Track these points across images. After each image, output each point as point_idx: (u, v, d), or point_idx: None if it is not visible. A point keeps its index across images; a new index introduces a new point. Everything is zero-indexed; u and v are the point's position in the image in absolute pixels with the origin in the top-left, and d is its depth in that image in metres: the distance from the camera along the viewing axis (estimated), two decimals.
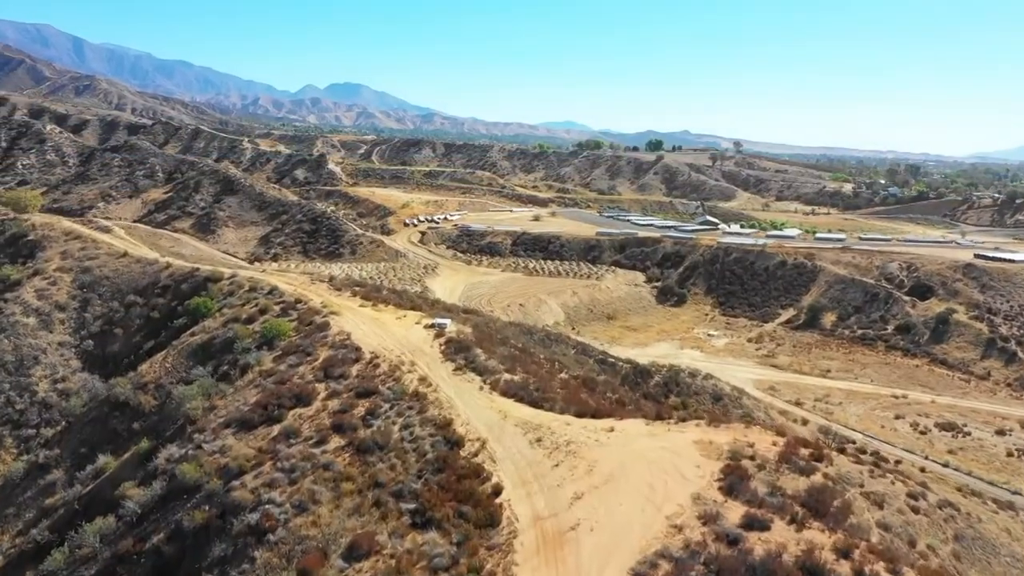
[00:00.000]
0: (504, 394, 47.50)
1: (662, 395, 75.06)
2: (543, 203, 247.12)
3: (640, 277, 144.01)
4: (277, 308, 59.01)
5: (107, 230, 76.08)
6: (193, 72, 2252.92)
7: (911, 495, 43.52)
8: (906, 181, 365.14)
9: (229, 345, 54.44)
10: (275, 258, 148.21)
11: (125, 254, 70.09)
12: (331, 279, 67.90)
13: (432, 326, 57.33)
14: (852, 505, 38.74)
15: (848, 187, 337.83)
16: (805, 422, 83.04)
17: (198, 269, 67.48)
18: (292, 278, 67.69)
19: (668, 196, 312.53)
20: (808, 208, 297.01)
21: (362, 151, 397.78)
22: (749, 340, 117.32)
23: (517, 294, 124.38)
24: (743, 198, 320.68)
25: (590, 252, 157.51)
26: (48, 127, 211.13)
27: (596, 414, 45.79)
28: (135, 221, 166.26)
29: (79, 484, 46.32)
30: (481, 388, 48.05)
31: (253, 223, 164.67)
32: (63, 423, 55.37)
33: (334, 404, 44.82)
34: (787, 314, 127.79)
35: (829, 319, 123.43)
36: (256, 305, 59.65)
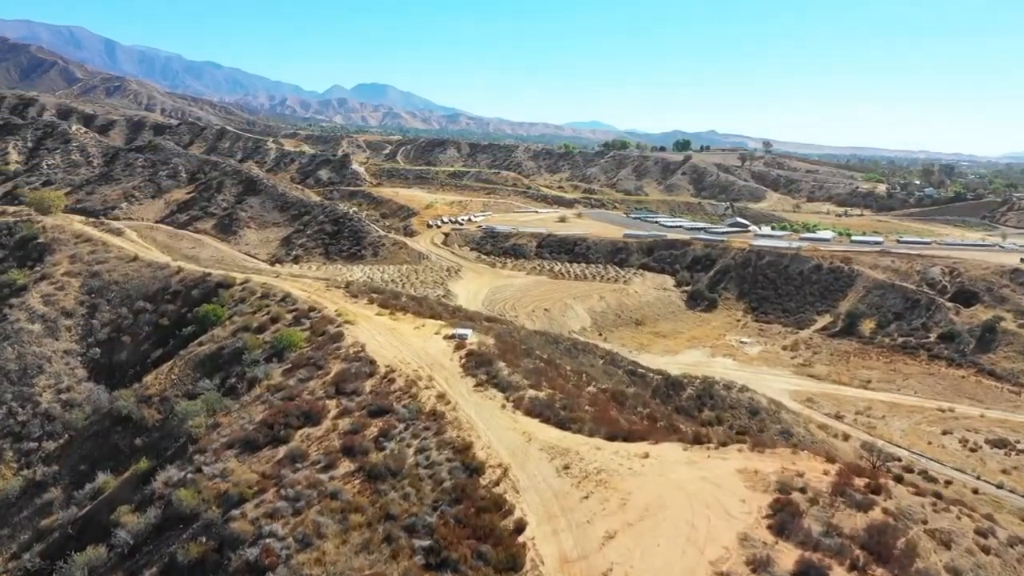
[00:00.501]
0: (528, 413, 43.94)
1: (695, 409, 71.06)
2: (569, 204, 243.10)
3: (669, 281, 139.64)
4: (289, 316, 56.00)
5: (119, 232, 73.72)
6: (222, 73, 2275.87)
7: (979, 532, 39.20)
8: (941, 182, 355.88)
9: (238, 356, 51.48)
10: (296, 260, 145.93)
11: (135, 258, 67.54)
12: (347, 285, 64.74)
13: (452, 337, 53.92)
14: (917, 546, 34.65)
15: (881, 188, 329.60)
16: (847, 437, 78.52)
17: (210, 274, 64.73)
18: (307, 284, 64.67)
19: (696, 197, 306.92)
20: (840, 209, 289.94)
21: (387, 151, 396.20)
22: (784, 348, 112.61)
23: (542, 298, 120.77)
24: (773, 199, 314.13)
25: (617, 255, 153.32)
26: (74, 127, 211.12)
27: (628, 437, 42.07)
28: (157, 221, 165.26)
29: (75, 506, 43.57)
30: (504, 406, 44.53)
31: (275, 224, 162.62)
32: (66, 436, 52.76)
33: (345, 424, 41.58)
34: (823, 320, 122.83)
35: (868, 326, 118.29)
36: (268, 313, 56.68)
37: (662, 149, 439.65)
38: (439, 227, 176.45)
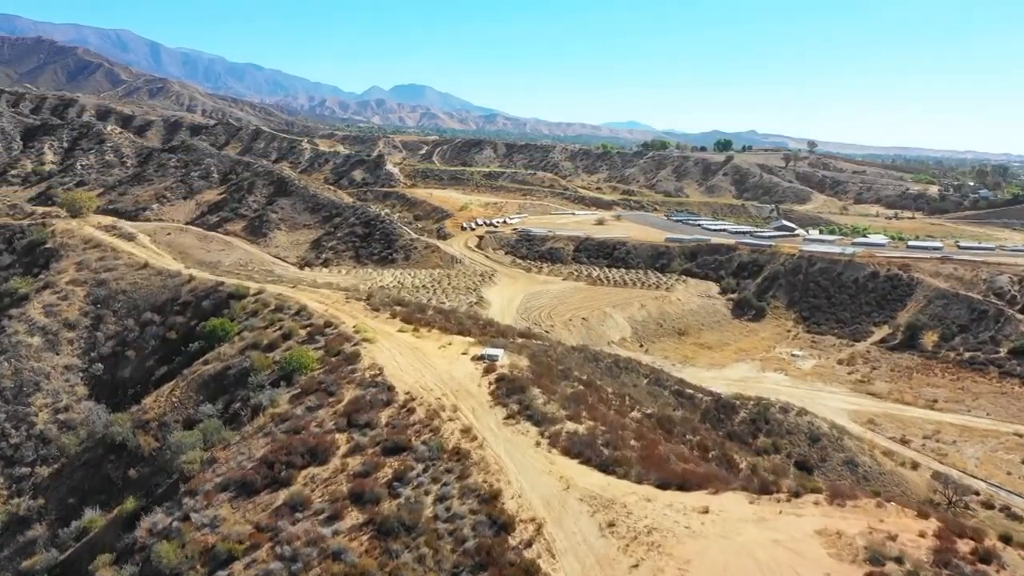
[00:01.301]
0: (566, 453, 38.18)
1: (749, 435, 64.60)
2: (607, 205, 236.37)
3: (714, 288, 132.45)
4: (303, 332, 50.97)
5: (131, 237, 69.59)
6: (263, 75, 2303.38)
7: None
8: (997, 183, 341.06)
9: (244, 377, 46.58)
10: (326, 263, 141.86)
11: (146, 265, 63.19)
12: (369, 297, 59.50)
13: (481, 358, 48.35)
14: None
15: (933, 189, 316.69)
16: (915, 466, 71.14)
17: (222, 283, 60.07)
18: (326, 295, 59.66)
19: (739, 198, 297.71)
20: (890, 212, 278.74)
21: (423, 151, 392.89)
22: (839, 362, 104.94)
23: (580, 306, 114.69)
24: (819, 201, 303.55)
25: (658, 259, 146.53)
26: (108, 127, 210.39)
27: (683, 484, 36.02)
28: (188, 223, 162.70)
29: (56, 548, 38.95)
30: (538, 444, 38.81)
31: (306, 226, 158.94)
32: (62, 460, 48.34)
33: (355, 463, 36.27)
34: (881, 332, 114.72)
35: (930, 339, 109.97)
36: (280, 328, 51.72)
37: (702, 149, 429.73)
38: (473, 229, 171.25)
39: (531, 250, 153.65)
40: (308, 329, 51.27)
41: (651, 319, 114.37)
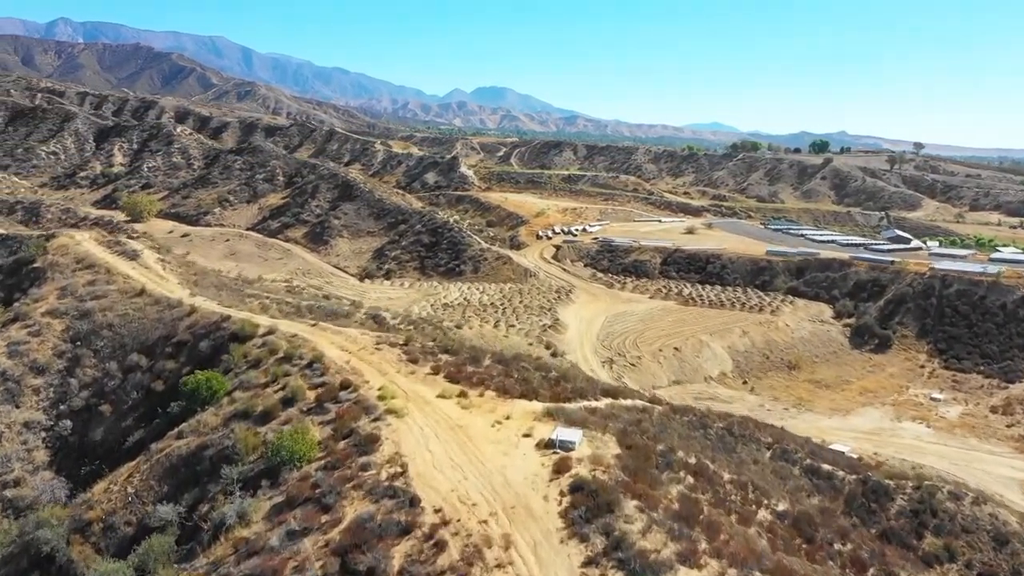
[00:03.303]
0: None
1: (911, 533, 47.98)
2: (695, 212, 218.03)
3: (826, 311, 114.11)
4: (311, 396, 37.78)
5: (133, 256, 58.21)
6: (348, 78, 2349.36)
7: None
8: None
9: (223, 463, 33.68)
10: (388, 274, 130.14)
11: (142, 292, 51.45)
12: (406, 343, 45.84)
13: (550, 444, 34.03)
14: None
15: None
16: None
17: (228, 318, 47.65)
18: (352, 338, 46.25)
19: (839, 204, 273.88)
20: (1014, 220, 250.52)
21: (501, 153, 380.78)
22: (992, 409, 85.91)
23: (670, 332, 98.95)
24: (930, 207, 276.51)
25: (759, 276, 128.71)
26: (178, 128, 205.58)
27: None
28: (249, 228, 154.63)
29: None
30: None
31: (369, 233, 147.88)
32: None
33: None
34: None
35: None
36: (283, 387, 38.72)
37: (796, 151, 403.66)
38: (549, 238, 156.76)
39: (613, 263, 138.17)
40: (318, 391, 38.05)
41: (755, 349, 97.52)
